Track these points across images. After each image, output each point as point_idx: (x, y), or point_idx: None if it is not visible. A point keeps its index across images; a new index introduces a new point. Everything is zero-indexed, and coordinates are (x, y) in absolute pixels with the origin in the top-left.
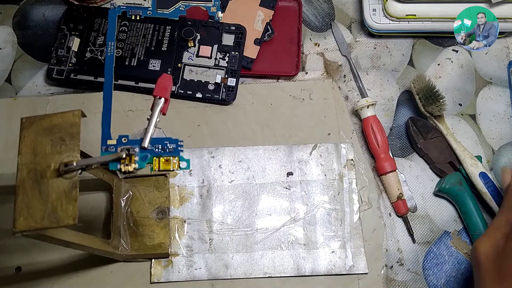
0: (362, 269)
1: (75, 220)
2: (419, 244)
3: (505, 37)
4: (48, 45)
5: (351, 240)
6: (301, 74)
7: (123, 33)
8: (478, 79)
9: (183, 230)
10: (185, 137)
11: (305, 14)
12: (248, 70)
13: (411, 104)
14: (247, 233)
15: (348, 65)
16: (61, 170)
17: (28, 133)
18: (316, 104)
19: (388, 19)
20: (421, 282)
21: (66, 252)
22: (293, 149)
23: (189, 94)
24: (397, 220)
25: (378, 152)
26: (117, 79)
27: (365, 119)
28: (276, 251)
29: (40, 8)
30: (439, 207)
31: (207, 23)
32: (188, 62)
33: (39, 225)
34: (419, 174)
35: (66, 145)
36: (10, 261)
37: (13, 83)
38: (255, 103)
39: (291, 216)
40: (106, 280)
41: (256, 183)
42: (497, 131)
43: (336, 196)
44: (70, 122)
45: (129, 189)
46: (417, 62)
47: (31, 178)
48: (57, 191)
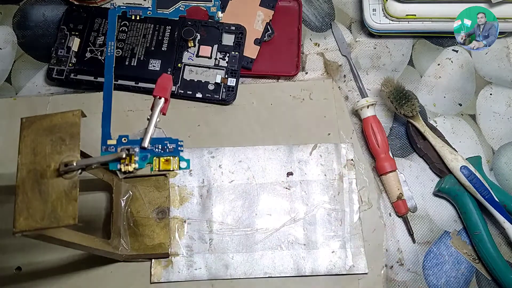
0: (362, 269)
1: (75, 220)
2: (419, 244)
3: (505, 37)
4: (48, 45)
5: (351, 240)
6: (301, 74)
7: (123, 33)
8: (478, 79)
9: (183, 230)
10: (185, 137)
11: (305, 14)
12: (248, 70)
13: None
14: (247, 233)
15: (348, 65)
16: (61, 170)
17: (28, 133)
18: (316, 104)
19: (388, 19)
20: (421, 282)
21: (66, 252)
22: (293, 149)
23: (189, 94)
24: (397, 220)
25: (378, 152)
26: (117, 79)
27: (365, 119)
28: (276, 251)
29: (40, 8)
30: (439, 207)
31: (207, 23)
32: (188, 62)
33: (39, 225)
34: (419, 174)
35: (66, 145)
36: (10, 261)
37: (13, 83)
38: (255, 103)
39: (291, 216)
40: (106, 280)
41: (256, 183)
42: (497, 131)
43: (336, 196)
44: (70, 122)
45: (129, 189)
46: (417, 62)
47: (31, 178)
48: (57, 191)
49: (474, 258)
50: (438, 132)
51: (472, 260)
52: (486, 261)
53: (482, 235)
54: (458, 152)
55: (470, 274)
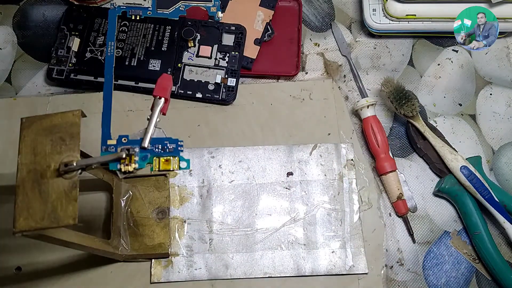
0: (362, 269)
1: (75, 220)
2: (419, 244)
3: (505, 37)
4: (48, 45)
5: (351, 240)
6: (301, 74)
7: (123, 33)
8: (478, 79)
9: (183, 230)
10: (185, 137)
11: (305, 14)
12: (248, 70)
13: None
14: (247, 233)
15: (348, 65)
16: (61, 170)
17: (28, 133)
18: (316, 104)
19: (388, 19)
20: (421, 282)
21: (66, 252)
22: (293, 149)
23: (189, 94)
24: (397, 220)
25: (378, 152)
26: (117, 79)
27: (365, 119)
28: (276, 251)
29: (40, 8)
30: (439, 207)
31: (207, 23)
32: (188, 62)
33: (39, 225)
34: (419, 174)
35: (66, 145)
36: (10, 261)
37: (13, 83)
38: (255, 103)
39: (291, 216)
40: (106, 280)
41: (256, 183)
42: (497, 131)
43: (336, 196)
44: (70, 122)
45: (129, 189)
46: (417, 62)
47: (31, 178)
48: (57, 191)
49: (474, 258)
50: (438, 132)
51: (472, 260)
52: (486, 261)
53: (482, 235)
54: (458, 152)
55: (470, 274)
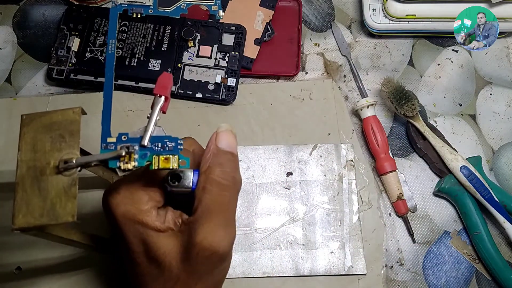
0: (361, 270)
1: (74, 217)
2: (419, 244)
3: (505, 37)
4: (48, 45)
5: (350, 241)
6: (301, 74)
7: (123, 33)
8: (478, 79)
9: None
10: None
11: (305, 14)
12: (248, 70)
13: None
14: (246, 232)
15: (348, 65)
16: (60, 167)
17: (28, 130)
18: (316, 104)
19: (388, 19)
20: (421, 282)
21: (66, 250)
22: (293, 149)
23: (189, 94)
24: (397, 220)
25: (378, 152)
26: (117, 79)
27: (365, 119)
28: (275, 251)
29: (40, 8)
30: (439, 207)
31: (207, 23)
32: (188, 62)
33: (38, 222)
34: (419, 174)
35: (66, 142)
36: (10, 259)
37: (13, 83)
38: (255, 103)
39: (291, 216)
40: (106, 279)
41: (256, 183)
42: (497, 131)
43: (335, 197)
44: (70, 119)
45: None
46: (417, 62)
47: (30, 175)
48: (56, 188)
49: (474, 258)
50: (438, 132)
51: (472, 260)
52: (486, 261)
53: (482, 235)
54: (458, 152)
55: (470, 274)
